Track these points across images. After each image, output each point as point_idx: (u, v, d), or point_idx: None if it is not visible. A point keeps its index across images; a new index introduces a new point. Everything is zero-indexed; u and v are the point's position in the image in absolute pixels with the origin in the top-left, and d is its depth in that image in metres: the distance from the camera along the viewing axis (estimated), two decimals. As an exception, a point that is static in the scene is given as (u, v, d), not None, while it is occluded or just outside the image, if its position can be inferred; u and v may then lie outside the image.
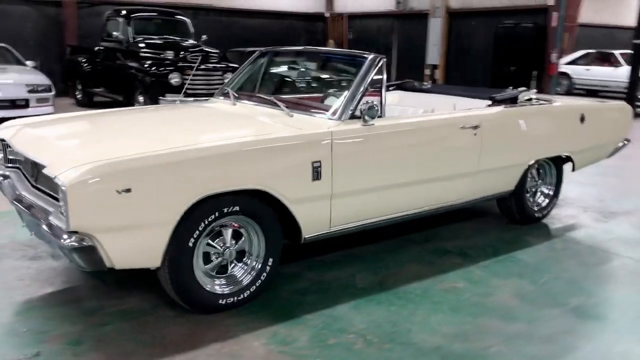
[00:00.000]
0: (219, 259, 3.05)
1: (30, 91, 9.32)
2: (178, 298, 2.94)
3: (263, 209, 3.07)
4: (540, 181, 4.78)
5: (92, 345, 2.72)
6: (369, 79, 3.55)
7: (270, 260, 3.16)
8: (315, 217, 3.28)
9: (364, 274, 3.63)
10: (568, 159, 4.81)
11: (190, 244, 2.83)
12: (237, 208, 2.95)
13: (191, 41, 11.27)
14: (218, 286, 3.05)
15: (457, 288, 3.48)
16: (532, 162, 4.44)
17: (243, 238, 3.12)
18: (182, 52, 10.15)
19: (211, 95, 4.49)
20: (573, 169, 4.95)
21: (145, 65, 9.88)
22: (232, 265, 3.13)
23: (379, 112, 3.45)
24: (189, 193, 2.73)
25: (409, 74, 16.25)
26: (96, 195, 2.51)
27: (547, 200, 4.82)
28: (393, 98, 5.11)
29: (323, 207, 3.28)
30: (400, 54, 16.96)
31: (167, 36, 11.08)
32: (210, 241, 3.00)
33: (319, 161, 3.17)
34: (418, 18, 16.09)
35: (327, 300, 3.24)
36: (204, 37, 11.43)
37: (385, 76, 3.68)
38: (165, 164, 2.68)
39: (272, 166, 3.02)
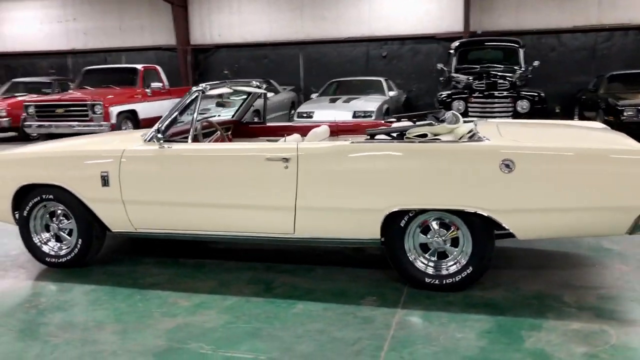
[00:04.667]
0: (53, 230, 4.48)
1: (353, 116, 11.51)
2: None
3: (72, 200, 4.30)
4: (439, 240, 3.73)
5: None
6: (176, 109, 4.16)
7: (80, 240, 4.35)
8: (114, 216, 4.24)
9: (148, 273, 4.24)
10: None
11: (25, 214, 4.42)
12: (51, 196, 4.33)
13: (516, 68, 11.02)
14: (49, 248, 4.47)
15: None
16: (394, 210, 3.65)
17: (70, 220, 4.42)
18: (469, 79, 10.26)
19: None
20: (514, 236, 3.58)
21: (439, 94, 10.56)
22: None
23: (162, 136, 4.05)
24: (14, 180, 4.35)
25: None
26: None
27: (448, 270, 3.72)
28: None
29: (118, 210, 4.20)
30: None
31: (491, 64, 11.22)
32: (48, 217, 4.47)
33: (107, 172, 4.15)
34: None
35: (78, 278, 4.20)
36: (536, 63, 11.01)
37: (197, 107, 4.16)
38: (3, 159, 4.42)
39: (71, 171, 4.24)
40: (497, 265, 4.21)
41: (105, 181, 4.14)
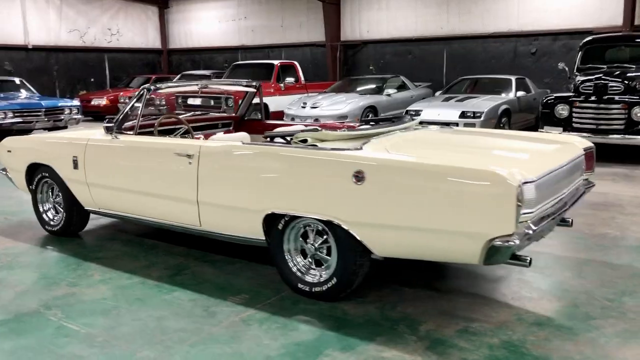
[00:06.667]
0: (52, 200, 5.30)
1: (461, 116, 10.98)
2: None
3: (58, 179, 5.05)
4: (311, 247, 3.66)
5: None
6: (129, 106, 4.63)
7: (65, 213, 5.10)
8: (82, 195, 4.90)
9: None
10: None
11: (33, 187, 5.31)
12: (47, 174, 5.15)
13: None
14: (47, 217, 5.29)
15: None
16: (272, 212, 3.68)
17: (61, 196, 5.19)
18: (579, 80, 9.10)
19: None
20: (371, 253, 3.40)
21: (546, 96, 9.57)
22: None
23: (114, 128, 4.58)
24: (25, 159, 5.25)
25: None
26: (2, 154, 5.50)
27: (316, 278, 3.63)
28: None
29: (85, 190, 4.85)
30: None
31: (621, 64, 9.80)
32: (50, 191, 5.29)
33: (76, 157, 4.82)
34: None
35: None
36: (680, 63, 9.41)
37: (142, 104, 4.57)
38: (18, 142, 5.34)
39: (55, 154, 5.00)
40: (409, 283, 3.95)
41: (75, 164, 4.81)
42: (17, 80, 15.08)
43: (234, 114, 6.06)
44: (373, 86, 13.83)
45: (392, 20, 17.43)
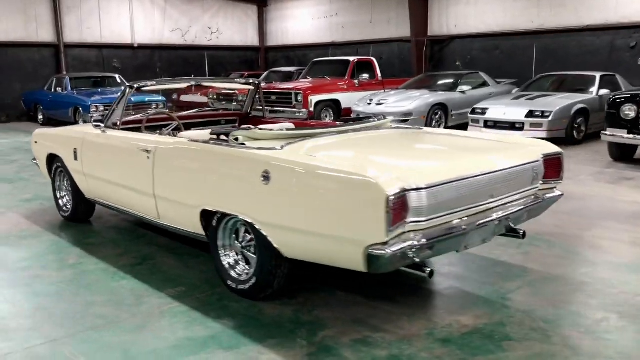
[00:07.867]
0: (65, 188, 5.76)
1: (527, 115, 10.32)
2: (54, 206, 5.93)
3: (66, 168, 5.49)
4: (237, 245, 3.70)
5: None
6: (116, 102, 4.92)
7: (72, 201, 5.53)
8: (83, 184, 5.29)
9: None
10: None
11: (52, 175, 5.81)
12: (60, 164, 5.61)
13: None
14: (62, 203, 5.76)
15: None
16: (205, 208, 3.75)
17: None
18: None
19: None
20: (280, 254, 3.38)
21: (612, 95, 8.73)
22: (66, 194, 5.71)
23: (103, 124, 4.90)
24: (45, 150, 5.77)
25: None
26: (32, 144, 6.07)
27: (240, 276, 3.67)
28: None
29: (83, 180, 5.24)
30: None
31: None
32: (66, 180, 5.76)
33: (76, 148, 5.21)
34: None
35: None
36: None
37: (124, 100, 4.83)
38: (42, 135, 5.85)
39: (62, 145, 5.44)
40: (348, 288, 3.85)
41: (75, 156, 5.20)
42: (117, 77, 16.47)
43: (239, 111, 6.18)
44: (447, 83, 13.38)
45: (480, 14, 16.68)
